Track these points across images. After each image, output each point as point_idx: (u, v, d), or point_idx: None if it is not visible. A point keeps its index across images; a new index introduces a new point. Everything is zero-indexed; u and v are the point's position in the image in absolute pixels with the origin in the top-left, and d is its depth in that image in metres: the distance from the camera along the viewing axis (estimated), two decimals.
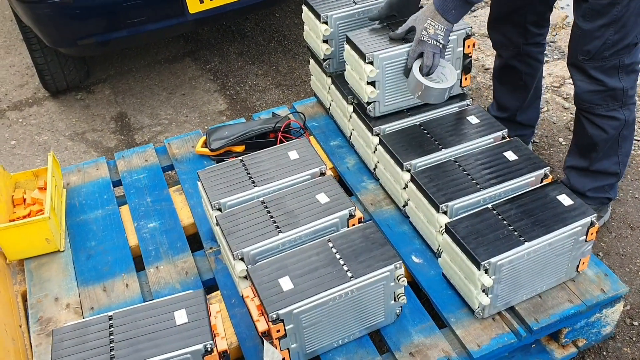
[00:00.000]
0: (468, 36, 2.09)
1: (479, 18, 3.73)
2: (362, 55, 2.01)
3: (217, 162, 2.38)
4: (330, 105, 2.47)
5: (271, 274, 1.64)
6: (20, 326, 1.87)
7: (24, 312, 1.93)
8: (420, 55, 1.96)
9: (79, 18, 2.72)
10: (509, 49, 2.39)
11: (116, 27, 2.78)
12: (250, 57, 3.60)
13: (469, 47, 2.11)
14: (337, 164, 2.31)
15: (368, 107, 2.10)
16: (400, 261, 1.64)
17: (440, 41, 1.92)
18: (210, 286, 1.97)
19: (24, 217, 2.08)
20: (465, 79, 2.19)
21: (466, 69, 2.16)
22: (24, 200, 2.17)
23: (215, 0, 2.86)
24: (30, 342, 1.80)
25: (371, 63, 2.01)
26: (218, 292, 1.92)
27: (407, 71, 2.01)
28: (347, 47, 2.11)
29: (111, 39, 2.82)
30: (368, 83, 2.04)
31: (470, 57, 2.15)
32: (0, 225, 1.94)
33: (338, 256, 1.66)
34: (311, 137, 2.45)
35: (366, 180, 2.23)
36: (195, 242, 2.13)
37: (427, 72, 1.96)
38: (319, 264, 1.65)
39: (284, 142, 2.35)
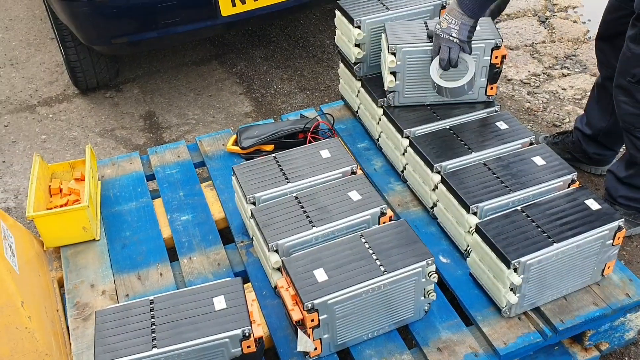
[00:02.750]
0: (497, 47, 2.13)
1: (511, 30, 3.79)
2: (387, 46, 2.13)
3: (247, 160, 2.44)
4: (359, 108, 2.53)
5: (306, 265, 1.69)
6: (57, 310, 1.92)
7: (60, 297, 1.99)
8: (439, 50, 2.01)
9: (115, 17, 2.79)
10: (606, 69, 2.35)
11: (150, 27, 2.85)
12: (276, 62, 3.66)
13: (496, 57, 2.15)
14: (365, 166, 2.37)
15: (388, 95, 2.24)
16: (432, 258, 1.69)
17: (454, 35, 1.94)
18: (241, 278, 2.01)
19: (61, 206, 2.14)
20: (491, 88, 2.23)
21: (492, 79, 2.20)
22: (60, 190, 2.23)
23: (248, 4, 2.93)
24: (67, 326, 1.86)
25: (394, 54, 2.10)
26: (249, 284, 1.97)
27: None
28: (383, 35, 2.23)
29: (144, 39, 2.89)
30: (390, 73, 2.19)
31: (498, 68, 2.17)
32: (39, 213, 2.00)
33: (371, 251, 1.71)
34: (339, 139, 2.51)
35: (393, 182, 2.28)
36: (224, 236, 2.18)
37: (445, 67, 2.01)
38: (352, 257, 1.70)
39: (313, 142, 2.41)
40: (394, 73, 2.18)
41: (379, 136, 2.38)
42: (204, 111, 3.28)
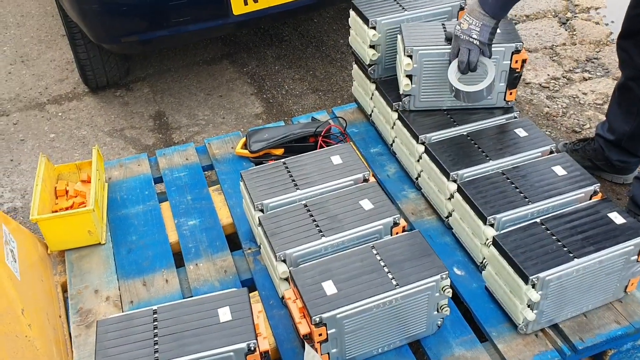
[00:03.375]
0: (517, 51, 2.05)
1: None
2: (403, 48, 2.08)
3: (256, 164, 2.38)
4: (372, 111, 2.46)
5: (314, 277, 1.63)
6: (60, 316, 1.87)
7: (63, 303, 1.95)
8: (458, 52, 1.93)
9: (124, 15, 2.74)
10: (630, 69, 2.28)
11: (160, 25, 2.80)
12: (288, 62, 3.60)
13: (516, 62, 2.07)
14: (378, 172, 2.30)
15: (403, 99, 2.18)
16: (447, 272, 1.62)
17: (474, 37, 1.86)
18: (247, 286, 1.96)
19: (67, 208, 2.10)
20: (510, 93, 2.15)
21: (511, 84, 2.13)
22: (67, 192, 2.19)
23: (260, 2, 2.87)
24: (70, 333, 1.81)
25: (410, 57, 2.04)
26: (256, 292, 1.91)
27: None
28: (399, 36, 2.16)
29: (154, 38, 2.84)
30: (406, 76, 2.11)
31: (518, 73, 2.10)
32: (44, 216, 1.95)
33: (382, 263, 1.65)
34: (351, 143, 2.44)
35: (407, 189, 2.21)
36: (232, 241, 2.13)
37: (463, 70, 1.93)
38: (363, 270, 1.63)
39: (324, 146, 2.34)
40: (410, 76, 2.11)
41: (393, 141, 2.31)
42: (214, 112, 3.23)
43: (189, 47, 3.74)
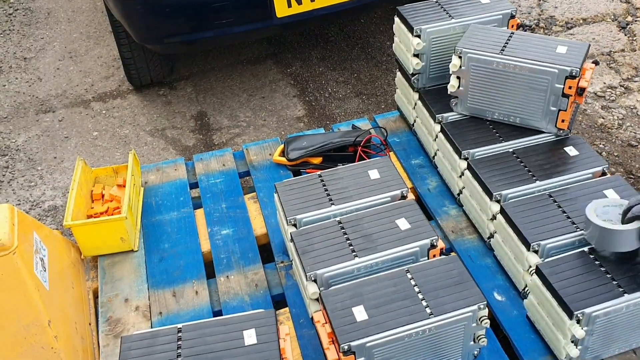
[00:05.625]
0: (572, 76, 1.88)
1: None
2: (455, 49, 2.02)
3: (293, 172, 2.33)
4: (415, 121, 2.37)
5: (345, 301, 1.56)
6: (90, 324, 1.87)
7: (93, 310, 1.94)
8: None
9: (168, 16, 2.72)
10: None
11: (203, 27, 2.78)
12: (332, 63, 3.53)
13: (570, 88, 1.90)
14: (418, 185, 2.21)
15: (451, 100, 2.12)
16: (485, 302, 1.53)
17: None
18: (278, 301, 1.92)
19: (102, 213, 2.09)
20: (563, 120, 1.98)
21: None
22: (102, 195, 2.19)
23: (304, 4, 2.81)
24: (98, 342, 1.80)
25: (460, 57, 2.00)
26: (286, 308, 1.86)
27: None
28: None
29: (197, 39, 2.82)
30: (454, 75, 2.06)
31: (569, 98, 1.92)
32: (77, 222, 1.95)
33: (417, 289, 1.57)
34: (391, 154, 2.36)
35: (448, 205, 2.12)
36: (265, 251, 2.08)
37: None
38: (395, 295, 1.56)
39: (363, 157, 2.27)
40: (458, 77, 2.04)
41: (435, 154, 2.21)
42: (255, 113, 3.19)
43: (234, 46, 3.72)
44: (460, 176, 2.02)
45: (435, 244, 1.71)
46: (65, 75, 3.60)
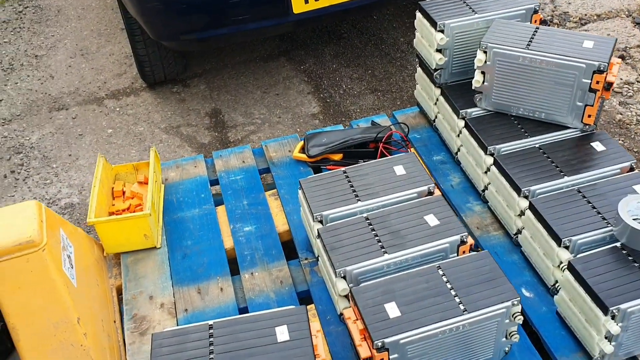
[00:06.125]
0: (600, 71, 1.87)
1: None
2: (480, 44, 2.01)
3: (314, 169, 2.32)
4: (436, 117, 2.36)
5: (376, 297, 1.55)
6: (115, 321, 1.86)
7: (117, 307, 1.93)
8: None
9: (184, 13, 2.71)
10: None
11: (219, 24, 2.76)
12: (346, 60, 3.52)
13: (597, 82, 1.88)
14: (441, 181, 2.20)
15: (475, 96, 2.11)
16: (519, 298, 1.51)
17: None
18: (303, 298, 1.90)
19: (123, 210, 2.08)
20: (589, 116, 1.97)
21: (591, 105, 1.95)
22: (123, 193, 2.17)
23: (320, 1, 2.79)
24: (124, 339, 1.79)
25: (485, 52, 1.99)
26: (312, 305, 1.85)
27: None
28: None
29: (213, 35, 2.81)
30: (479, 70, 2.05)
31: (596, 93, 1.91)
32: (101, 219, 1.94)
33: (449, 286, 1.55)
34: (414, 152, 2.34)
35: (472, 202, 2.10)
36: (287, 248, 2.07)
37: None
38: (428, 292, 1.55)
39: (385, 153, 2.26)
40: (482, 72, 2.02)
41: (458, 150, 2.20)
42: (270, 110, 3.18)
43: (247, 43, 3.70)
44: (486, 172, 2.00)
45: (465, 240, 1.70)
46: (77, 72, 3.58)
